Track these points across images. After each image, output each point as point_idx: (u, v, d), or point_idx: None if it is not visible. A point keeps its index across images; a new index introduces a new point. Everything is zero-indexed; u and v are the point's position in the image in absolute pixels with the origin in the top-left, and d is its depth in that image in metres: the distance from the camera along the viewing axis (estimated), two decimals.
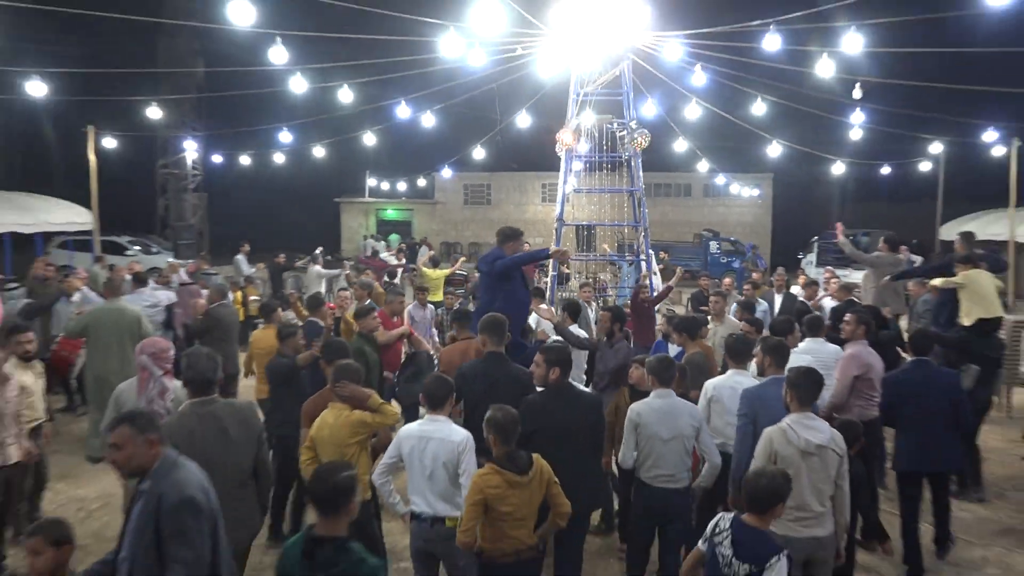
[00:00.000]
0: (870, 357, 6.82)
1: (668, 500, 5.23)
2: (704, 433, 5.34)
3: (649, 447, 5.22)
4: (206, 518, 3.59)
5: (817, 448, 4.62)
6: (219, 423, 4.60)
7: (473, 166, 31.83)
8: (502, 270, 7.34)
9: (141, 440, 3.61)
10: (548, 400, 5.12)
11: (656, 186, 38.00)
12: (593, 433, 5.18)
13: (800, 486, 4.58)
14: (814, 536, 4.67)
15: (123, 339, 8.65)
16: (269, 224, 43.20)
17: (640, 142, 13.59)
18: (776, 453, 4.69)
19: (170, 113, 31.56)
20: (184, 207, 32.98)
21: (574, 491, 4.94)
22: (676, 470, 5.22)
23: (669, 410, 5.25)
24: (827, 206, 45.51)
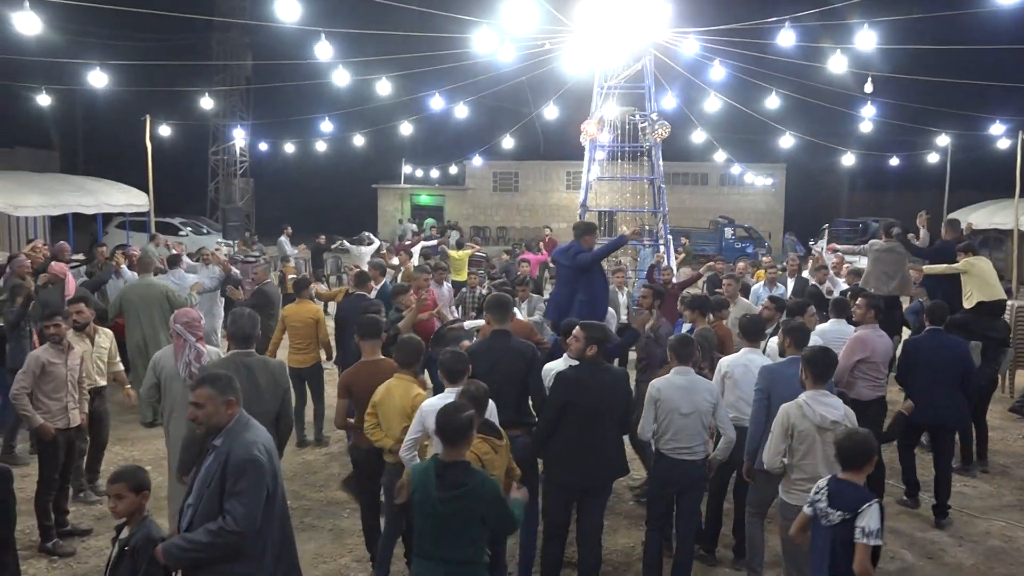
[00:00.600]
0: (877, 341, 6.71)
1: (685, 471, 5.22)
2: (721, 409, 5.31)
3: (668, 421, 5.19)
4: (267, 477, 3.65)
5: (832, 424, 4.58)
6: (251, 372, 4.92)
7: (502, 155, 31.70)
8: (585, 263, 7.41)
9: (221, 401, 3.69)
10: (582, 375, 5.12)
11: (674, 175, 37.63)
12: (621, 408, 5.16)
13: (815, 459, 4.61)
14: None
15: (151, 311, 8.93)
16: (311, 208, 43.34)
17: (660, 133, 13.51)
18: (793, 427, 4.68)
19: (221, 103, 31.80)
20: (233, 191, 33.28)
21: (599, 461, 5.06)
22: (693, 443, 5.20)
23: (689, 386, 5.22)
24: (837, 195, 44.93)
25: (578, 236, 7.67)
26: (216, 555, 3.54)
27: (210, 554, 3.53)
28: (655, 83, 14.04)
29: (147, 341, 8.83)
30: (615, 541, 6.27)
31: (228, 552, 3.55)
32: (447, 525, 3.74)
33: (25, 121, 27.32)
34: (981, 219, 23.82)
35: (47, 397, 6.08)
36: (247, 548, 3.62)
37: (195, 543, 3.52)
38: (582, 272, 7.43)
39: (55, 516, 6.13)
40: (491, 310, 5.76)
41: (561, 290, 7.63)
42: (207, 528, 3.52)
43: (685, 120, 20.40)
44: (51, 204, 17.33)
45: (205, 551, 3.52)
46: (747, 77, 16.60)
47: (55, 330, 6.20)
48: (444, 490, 3.70)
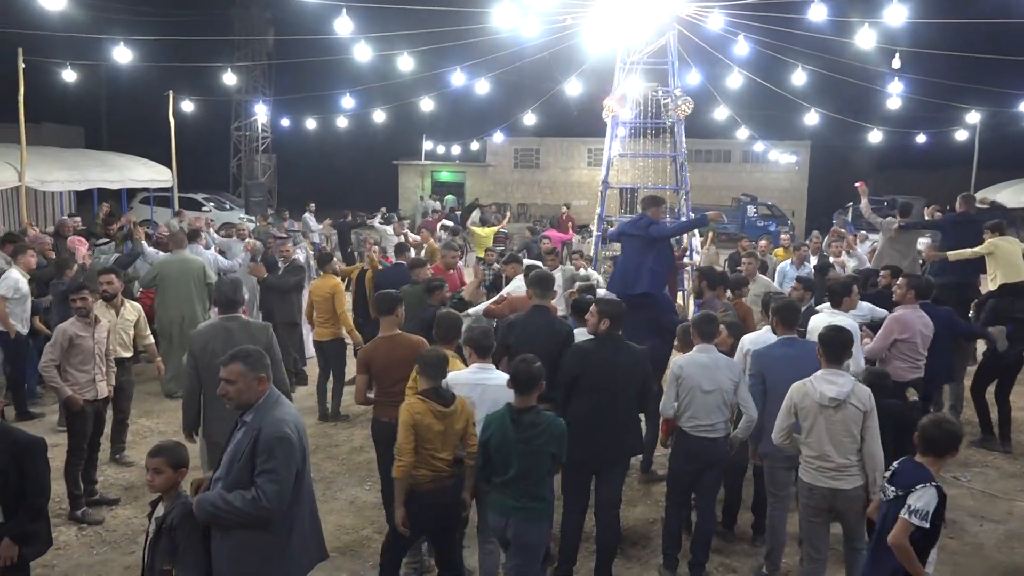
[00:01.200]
0: (916, 322, 6.68)
1: (705, 448, 5.24)
2: (742, 386, 5.28)
3: (690, 398, 5.22)
4: (297, 455, 3.69)
5: (831, 401, 4.56)
6: (230, 334, 5.31)
7: (523, 131, 31.53)
8: (661, 235, 7.62)
9: (252, 377, 3.72)
10: (595, 347, 5.19)
11: (697, 152, 37.26)
12: (637, 385, 5.17)
13: (819, 437, 4.63)
14: (834, 488, 4.64)
15: (189, 285, 9.08)
16: (332, 184, 43.44)
17: (684, 109, 13.37)
18: (795, 405, 4.70)
19: (243, 79, 31.85)
20: (255, 167, 33.42)
21: (613, 438, 5.10)
22: (714, 420, 5.21)
23: (711, 364, 5.24)
24: (862, 173, 44.32)
25: (645, 208, 7.86)
26: (242, 523, 3.57)
27: (238, 520, 3.56)
28: (678, 59, 13.89)
29: (184, 315, 9.01)
30: (633, 514, 6.32)
31: (254, 524, 3.59)
32: (524, 462, 4.28)
33: (50, 97, 27.49)
34: (1009, 198, 23.48)
35: (75, 369, 6.19)
36: (274, 526, 3.66)
37: (230, 505, 3.54)
38: (653, 243, 7.54)
39: (84, 486, 6.27)
40: (533, 285, 5.82)
41: (628, 261, 7.68)
42: (243, 495, 3.55)
43: (708, 96, 20.18)
44: (77, 179, 17.52)
45: (236, 515, 3.55)
46: (772, 52, 16.39)
47: (82, 303, 6.29)
48: (521, 432, 4.27)
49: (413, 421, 4.38)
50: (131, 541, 5.76)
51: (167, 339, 9.08)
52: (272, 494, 3.55)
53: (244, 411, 3.77)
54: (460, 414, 4.54)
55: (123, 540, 5.84)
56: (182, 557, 3.66)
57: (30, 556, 4.19)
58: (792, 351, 5.32)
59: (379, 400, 5.58)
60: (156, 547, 3.73)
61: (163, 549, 3.70)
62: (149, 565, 3.76)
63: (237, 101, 33.14)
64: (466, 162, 41.42)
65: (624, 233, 8.01)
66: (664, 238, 7.74)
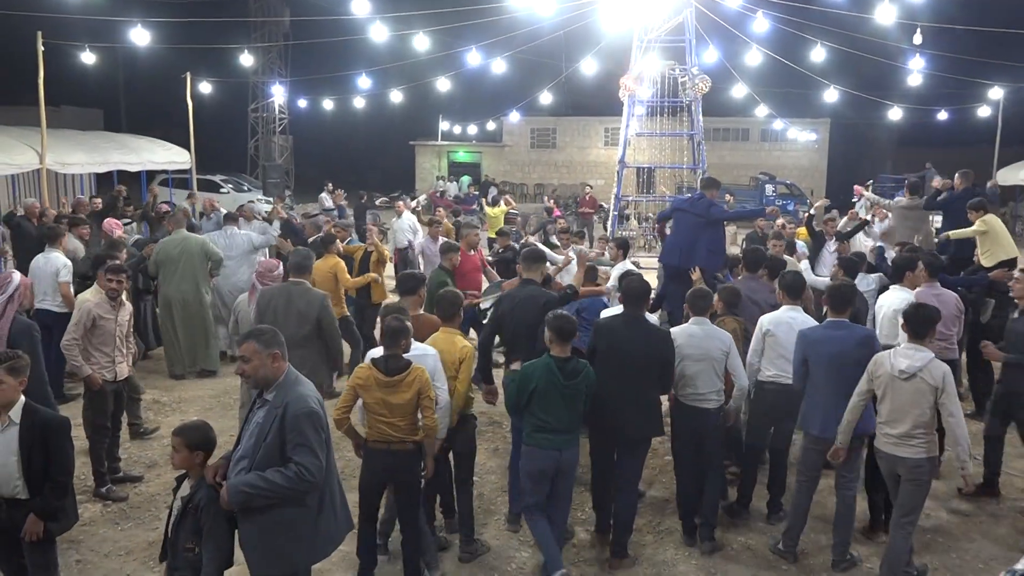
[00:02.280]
0: (931, 300, 6.55)
1: (701, 419, 5.43)
2: (733, 357, 5.47)
3: (681, 368, 5.41)
4: (325, 427, 3.77)
5: (900, 372, 4.73)
6: (291, 297, 6.31)
7: (540, 110, 31.45)
8: (720, 218, 8.20)
9: (266, 354, 3.75)
10: (616, 325, 5.35)
11: (715, 130, 36.99)
12: (658, 366, 5.25)
13: (889, 404, 4.83)
14: (897, 455, 4.83)
15: (192, 263, 9.14)
16: (349, 164, 43.52)
17: (701, 87, 13.30)
18: (872, 374, 4.91)
19: (260, 60, 31.89)
20: (272, 148, 33.50)
21: (631, 414, 5.18)
22: (705, 390, 5.40)
23: (702, 335, 5.46)
24: (883, 151, 43.84)
25: (704, 188, 8.45)
26: (284, 498, 3.62)
27: (280, 497, 3.60)
28: (696, 36, 13.77)
29: (184, 294, 9.10)
30: (649, 492, 6.37)
31: (294, 499, 3.65)
32: (567, 403, 4.85)
33: (70, 80, 27.66)
34: None
35: (96, 349, 6.27)
36: (307, 499, 3.72)
37: (271, 483, 3.56)
38: (711, 224, 8.05)
39: (107, 463, 6.37)
40: (525, 260, 6.10)
41: (682, 237, 8.22)
42: (283, 472, 3.58)
43: (726, 74, 20.00)
44: (96, 161, 17.64)
45: (278, 493, 3.59)
46: (791, 29, 16.22)
47: (116, 285, 6.35)
48: (567, 378, 4.82)
49: (354, 383, 4.69)
50: (155, 517, 5.85)
51: (169, 318, 9.17)
52: (314, 467, 3.61)
53: (263, 389, 3.82)
54: (410, 385, 4.63)
55: (147, 516, 5.94)
56: (206, 538, 3.72)
57: (56, 532, 4.27)
58: (838, 333, 5.24)
59: None
60: (181, 525, 3.79)
61: (188, 528, 3.76)
62: (173, 542, 3.83)
63: (254, 83, 33.18)
64: (483, 142, 41.34)
65: (679, 210, 8.43)
66: (721, 221, 8.21)
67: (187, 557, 3.76)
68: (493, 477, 6.71)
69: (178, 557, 3.79)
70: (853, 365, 5.08)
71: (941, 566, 5.41)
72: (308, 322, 6.25)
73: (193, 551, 3.74)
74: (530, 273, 6.00)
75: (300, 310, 6.26)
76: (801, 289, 5.92)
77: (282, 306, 6.25)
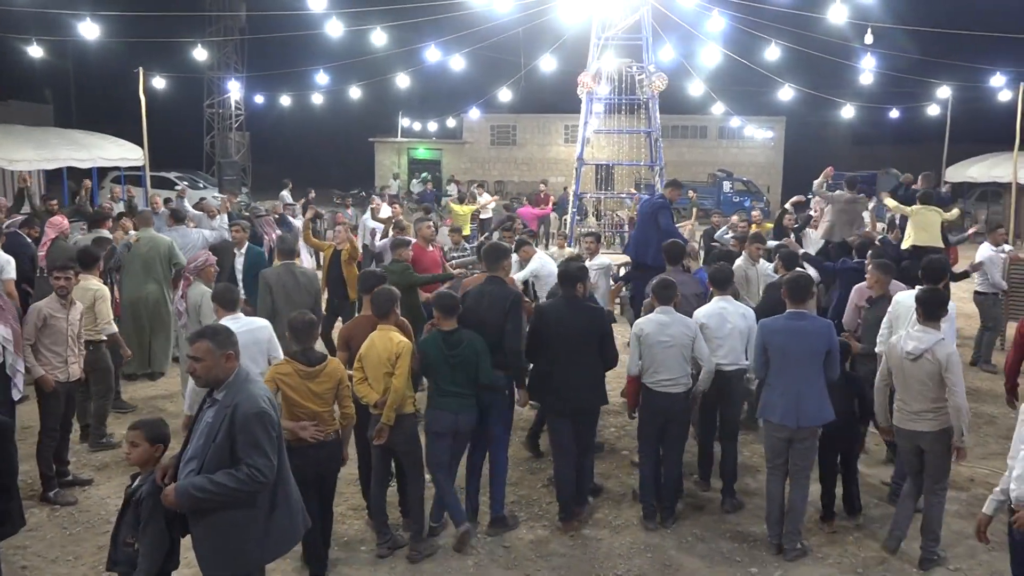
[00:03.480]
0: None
1: (669, 403, 5.72)
2: (699, 341, 5.78)
3: (651, 355, 5.69)
4: (275, 426, 3.71)
5: (908, 355, 5.10)
6: (294, 276, 7.50)
7: (500, 108, 31.41)
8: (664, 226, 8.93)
9: (220, 355, 3.70)
10: (555, 307, 5.82)
11: (673, 128, 37.33)
12: (596, 341, 5.66)
13: (902, 385, 5.21)
14: (915, 430, 5.19)
15: (156, 264, 9.01)
16: (308, 161, 43.09)
17: (658, 85, 13.42)
18: (888, 357, 5.34)
19: (215, 55, 31.36)
20: (228, 145, 32.99)
21: (576, 388, 5.63)
22: (675, 375, 5.69)
23: (668, 323, 5.73)
24: (837, 148, 44.62)
25: (665, 188, 9.83)
26: (233, 501, 3.57)
27: (230, 499, 3.55)
28: (653, 34, 13.88)
29: (149, 294, 8.96)
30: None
31: (243, 500, 3.60)
32: (455, 370, 5.31)
33: (17, 74, 27.06)
34: (980, 172, 23.76)
35: (47, 350, 6.14)
36: (258, 500, 3.68)
37: (221, 486, 3.51)
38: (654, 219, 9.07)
39: (56, 466, 6.23)
40: (484, 258, 6.19)
41: (639, 233, 9.36)
42: (233, 474, 3.53)
43: (684, 72, 20.21)
44: (45, 158, 17.23)
45: (229, 496, 3.53)
46: (746, 28, 16.43)
47: (64, 283, 6.22)
48: (451, 348, 5.30)
49: (276, 378, 4.74)
50: (105, 521, 5.74)
51: (131, 319, 8.95)
52: (265, 468, 3.57)
53: (214, 389, 3.76)
54: (329, 375, 4.87)
55: (97, 520, 5.83)
56: (143, 532, 3.65)
57: (1, 536, 4.18)
58: (796, 324, 5.38)
59: (358, 378, 5.59)
60: (123, 519, 3.74)
61: (129, 522, 3.70)
62: (113, 536, 3.77)
63: (209, 78, 32.63)
64: (443, 139, 41.23)
65: (641, 209, 9.66)
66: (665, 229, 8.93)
67: (126, 552, 3.69)
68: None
69: (119, 551, 3.72)
70: (810, 354, 5.29)
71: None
72: (312, 296, 7.50)
73: (132, 546, 3.67)
74: (494, 270, 5.99)
75: (305, 285, 7.49)
76: (727, 281, 6.35)
77: (291, 283, 7.41)
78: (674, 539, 5.69)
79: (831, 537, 5.72)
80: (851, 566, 5.36)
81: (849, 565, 5.37)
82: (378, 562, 5.33)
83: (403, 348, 5.16)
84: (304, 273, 7.71)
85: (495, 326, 5.56)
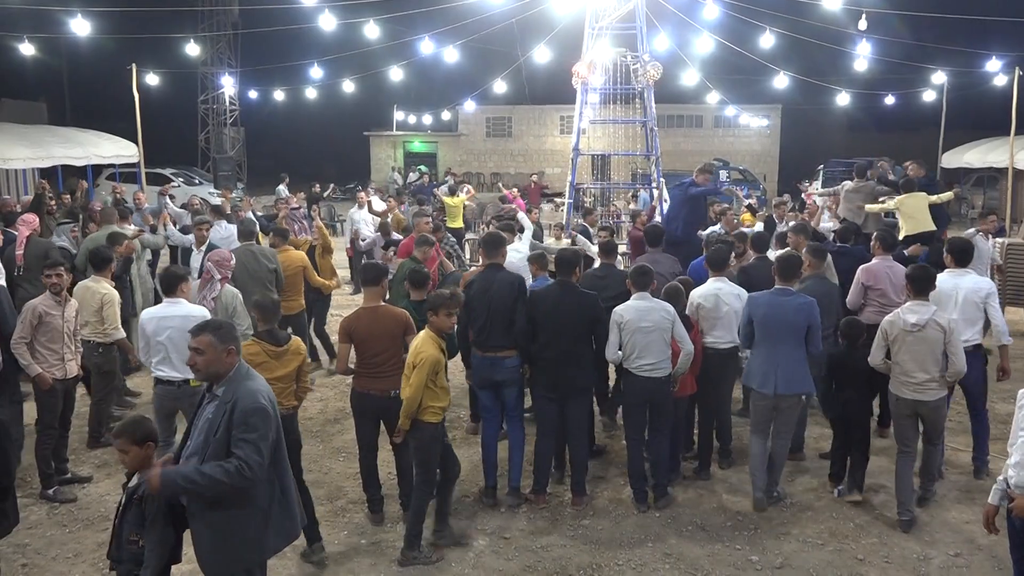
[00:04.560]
0: (881, 272, 7.10)
1: (651, 386, 5.85)
2: (678, 325, 5.88)
3: (633, 341, 5.80)
4: (272, 424, 3.69)
5: (912, 326, 5.42)
6: (253, 254, 8.00)
7: (495, 100, 31.36)
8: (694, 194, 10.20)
9: (222, 349, 3.68)
10: (546, 292, 6.03)
11: (668, 117, 37.25)
12: (587, 325, 5.87)
13: (905, 357, 5.51)
14: (918, 399, 5.54)
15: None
16: (303, 156, 43.03)
17: (652, 74, 13.34)
18: (886, 332, 5.58)
19: (208, 50, 31.29)
20: (223, 140, 32.93)
21: (569, 369, 5.80)
22: (656, 359, 5.81)
23: (647, 308, 5.85)
24: (833, 136, 44.59)
25: (696, 173, 10.52)
26: (218, 493, 3.54)
27: (215, 491, 3.53)
28: (647, 23, 13.82)
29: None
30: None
31: (229, 493, 3.57)
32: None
33: (9, 72, 26.90)
34: (976, 158, 23.78)
35: (44, 347, 6.12)
36: (258, 497, 3.67)
37: (208, 477, 3.48)
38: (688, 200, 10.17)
39: (55, 464, 6.23)
40: (482, 246, 6.41)
41: (671, 210, 10.52)
42: (223, 466, 3.50)
43: (679, 61, 20.13)
44: (40, 156, 17.20)
45: (215, 487, 3.51)
46: (741, 16, 16.38)
47: (57, 280, 6.19)
48: (422, 315, 5.45)
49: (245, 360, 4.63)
50: (104, 518, 5.73)
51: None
52: (255, 464, 3.54)
53: (213, 384, 3.75)
54: (294, 354, 5.18)
55: (96, 517, 5.82)
56: (149, 529, 3.66)
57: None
58: (780, 299, 5.82)
59: (359, 371, 5.62)
60: (125, 517, 3.73)
61: (132, 520, 3.70)
62: (116, 534, 3.76)
63: (203, 73, 32.55)
64: (438, 132, 41.14)
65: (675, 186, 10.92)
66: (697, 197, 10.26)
67: (131, 550, 3.69)
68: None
69: (122, 549, 3.73)
70: (789, 327, 5.72)
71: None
72: (270, 267, 8.02)
73: (137, 543, 3.68)
74: (492, 258, 6.17)
75: (264, 260, 7.99)
76: (723, 263, 6.70)
77: (251, 262, 7.86)
78: (675, 528, 5.70)
79: (831, 524, 5.73)
80: (851, 552, 5.37)
81: (850, 552, 5.37)
82: (379, 553, 5.35)
83: (421, 360, 5.06)
84: (262, 251, 8.17)
85: (505, 309, 5.85)
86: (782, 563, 5.24)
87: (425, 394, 5.09)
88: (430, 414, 5.16)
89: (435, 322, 5.20)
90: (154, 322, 5.82)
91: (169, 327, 5.75)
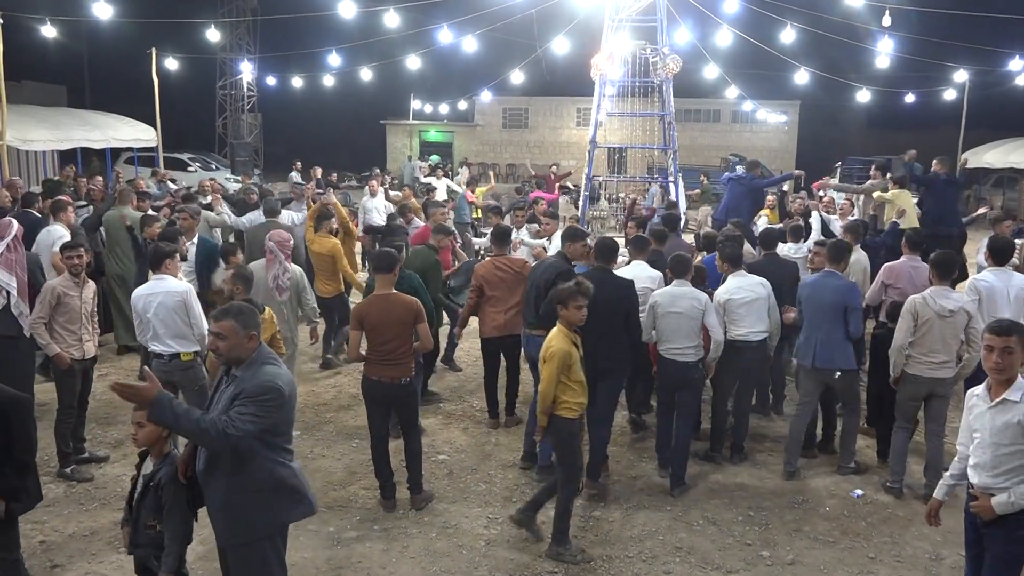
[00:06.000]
0: (902, 270, 7.26)
1: (680, 371, 6.10)
2: (709, 314, 6.09)
3: (663, 324, 6.08)
4: (283, 408, 3.66)
5: (950, 312, 5.71)
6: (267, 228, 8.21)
7: (512, 90, 31.27)
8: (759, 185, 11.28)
9: (244, 335, 3.68)
10: (588, 278, 5.74)
11: (686, 111, 37.07)
12: (623, 311, 5.88)
13: (932, 339, 5.77)
14: (936, 377, 5.85)
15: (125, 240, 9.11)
16: (319, 143, 43.07)
17: (671, 67, 13.31)
18: (918, 314, 5.78)
19: (227, 36, 31.35)
20: (240, 126, 33.03)
21: (599, 352, 5.72)
22: (683, 345, 6.06)
23: (680, 294, 6.11)
24: (851, 133, 44.27)
25: (749, 169, 11.50)
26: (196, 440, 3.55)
27: (198, 440, 3.52)
28: (667, 16, 13.75)
29: (124, 270, 9.14)
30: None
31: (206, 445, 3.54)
32: None
33: (31, 54, 27.01)
34: (996, 158, 23.55)
35: (62, 328, 6.18)
36: (299, 485, 3.78)
37: (194, 422, 3.40)
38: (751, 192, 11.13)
39: (73, 443, 6.30)
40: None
41: (732, 200, 11.15)
42: (213, 419, 3.46)
43: (698, 55, 20.02)
44: (59, 139, 17.31)
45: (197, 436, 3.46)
46: (762, 10, 16.27)
47: (78, 260, 6.25)
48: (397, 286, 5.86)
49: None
50: (120, 498, 5.78)
51: (112, 293, 9.24)
52: (243, 432, 3.48)
53: (232, 367, 3.75)
54: (268, 324, 5.46)
55: (112, 497, 5.89)
56: (168, 515, 3.71)
57: (18, 511, 4.20)
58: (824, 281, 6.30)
59: (370, 358, 5.64)
60: (143, 503, 3.77)
61: (150, 506, 3.74)
62: (134, 519, 3.81)
63: (222, 59, 32.64)
64: (454, 122, 41.09)
65: (732, 179, 11.50)
66: (760, 188, 11.27)
67: (148, 534, 3.75)
68: (463, 456, 6.75)
69: (140, 534, 3.78)
70: (829, 307, 6.15)
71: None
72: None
73: (155, 528, 3.73)
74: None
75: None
76: (738, 259, 6.78)
77: (263, 235, 7.82)
78: (685, 522, 5.70)
79: (843, 522, 5.72)
80: (863, 550, 5.36)
81: (861, 550, 5.37)
82: (391, 539, 5.38)
83: (551, 353, 5.00)
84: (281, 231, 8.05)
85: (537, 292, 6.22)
86: (793, 559, 5.24)
87: (559, 389, 5.01)
88: (565, 409, 5.05)
89: (565, 315, 5.08)
90: (143, 300, 6.04)
91: (155, 303, 5.97)
